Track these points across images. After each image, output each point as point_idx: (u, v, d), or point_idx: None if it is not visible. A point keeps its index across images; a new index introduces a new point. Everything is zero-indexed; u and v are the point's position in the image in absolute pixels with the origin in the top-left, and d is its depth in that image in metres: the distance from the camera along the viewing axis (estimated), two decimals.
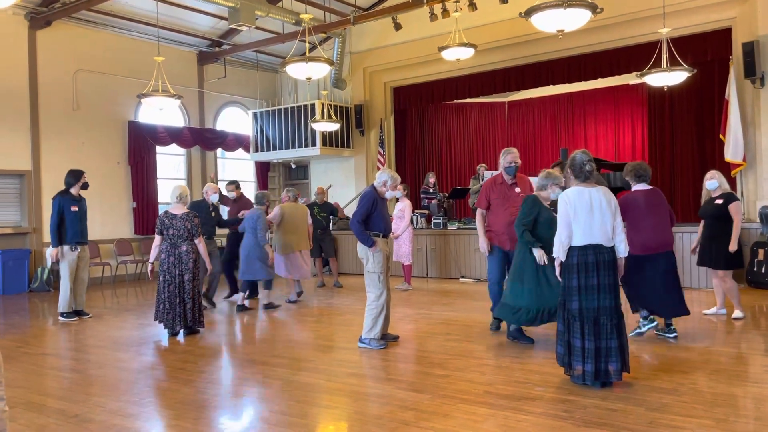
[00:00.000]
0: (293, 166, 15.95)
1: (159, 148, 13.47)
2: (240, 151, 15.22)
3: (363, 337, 6.03)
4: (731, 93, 9.97)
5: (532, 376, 4.85)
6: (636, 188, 6.01)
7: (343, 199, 13.81)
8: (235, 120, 15.45)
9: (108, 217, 12.52)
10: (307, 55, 8.81)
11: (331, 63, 9.11)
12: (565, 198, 4.51)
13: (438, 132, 16.47)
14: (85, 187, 8.17)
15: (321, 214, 10.85)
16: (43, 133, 11.71)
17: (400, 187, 9.38)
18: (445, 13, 11.02)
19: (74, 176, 8.11)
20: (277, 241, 8.99)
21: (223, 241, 9.91)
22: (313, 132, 13.94)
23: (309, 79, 9.06)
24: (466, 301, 8.87)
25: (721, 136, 10.16)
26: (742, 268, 7.65)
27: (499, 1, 10.70)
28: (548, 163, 11.59)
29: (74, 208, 7.99)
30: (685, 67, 9.23)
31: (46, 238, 11.37)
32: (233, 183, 9.85)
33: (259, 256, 8.40)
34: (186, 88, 13.54)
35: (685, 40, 10.40)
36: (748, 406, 4.17)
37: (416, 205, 13.16)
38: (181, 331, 6.87)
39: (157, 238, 6.94)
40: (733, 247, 6.57)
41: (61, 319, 8.02)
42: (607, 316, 4.46)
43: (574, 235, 4.47)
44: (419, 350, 5.96)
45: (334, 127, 13.37)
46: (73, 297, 8.08)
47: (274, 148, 14.78)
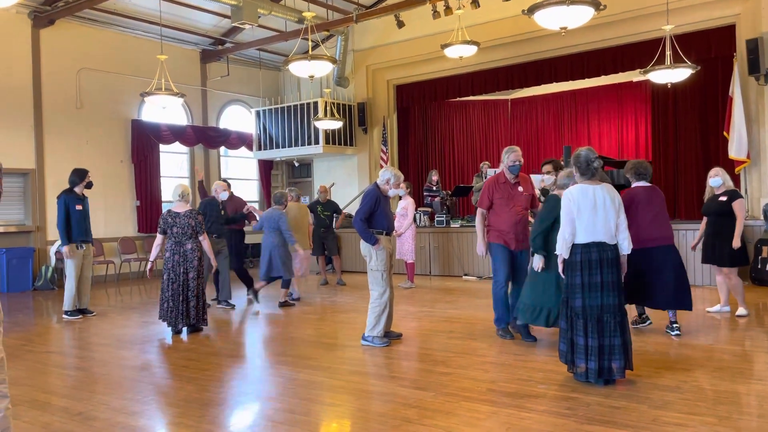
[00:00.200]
0: (296, 165, 15.96)
1: (162, 147, 13.49)
2: (243, 150, 15.23)
3: (366, 335, 6.03)
4: (735, 90, 9.94)
5: (535, 373, 4.85)
6: (636, 185, 6.04)
7: (346, 198, 13.81)
8: (238, 118, 15.46)
9: (111, 216, 12.55)
10: (310, 53, 8.80)
11: (333, 61, 9.10)
12: (569, 195, 4.51)
13: (441, 130, 16.46)
14: (89, 186, 8.20)
15: (324, 212, 10.86)
16: (47, 131, 11.74)
17: (403, 185, 9.38)
18: (448, 10, 11.01)
19: (79, 175, 8.13)
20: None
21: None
22: (316, 130, 13.94)
23: (312, 77, 9.06)
24: (469, 298, 8.87)
25: (725, 133, 10.14)
26: (747, 266, 7.64)
27: None
28: None
29: (78, 207, 8.02)
30: (689, 64, 9.20)
31: (50, 237, 11.41)
32: (224, 182, 9.80)
33: (282, 255, 8.43)
34: (189, 86, 13.56)
35: (689, 37, 10.36)
36: (752, 404, 4.17)
37: (419, 202, 13.16)
38: (185, 329, 6.89)
39: (159, 237, 6.95)
40: (736, 244, 6.57)
41: (65, 317, 8.04)
42: (611, 314, 4.46)
43: (578, 233, 4.47)
44: (422, 348, 5.96)
45: (336, 125, 13.37)
46: (78, 295, 8.11)
47: (277, 147, 14.79)
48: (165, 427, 4.14)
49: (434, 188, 12.99)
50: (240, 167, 15.65)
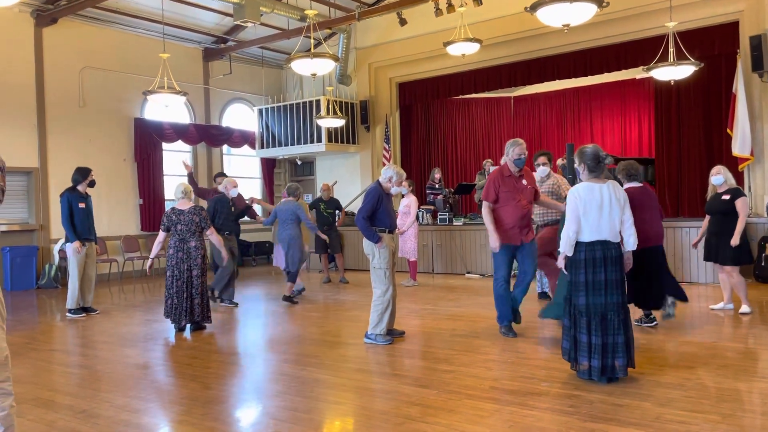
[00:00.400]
0: (299, 163, 15.96)
1: (165, 145, 13.51)
2: (246, 148, 15.25)
3: (369, 333, 6.04)
4: (738, 87, 9.91)
5: (538, 371, 4.85)
6: (627, 186, 6.07)
7: (349, 196, 13.81)
8: (241, 116, 15.47)
9: (115, 214, 12.58)
10: (312, 51, 8.82)
11: (336, 59, 9.10)
12: (575, 193, 4.49)
13: (443, 127, 16.44)
14: (92, 184, 8.21)
15: (327, 210, 10.86)
16: (50, 130, 11.76)
17: (405, 183, 9.40)
18: (450, 8, 10.99)
19: (81, 174, 8.14)
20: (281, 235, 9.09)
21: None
22: (319, 128, 13.94)
23: (314, 75, 9.07)
24: (472, 296, 8.87)
25: (729, 131, 10.11)
26: (750, 264, 7.63)
27: None
28: (554, 159, 11.53)
29: (81, 205, 8.03)
30: (692, 61, 9.18)
31: (54, 235, 11.45)
32: (223, 175, 9.71)
33: (300, 247, 8.55)
34: (191, 84, 13.57)
35: (692, 34, 10.33)
36: (755, 401, 4.16)
37: (422, 200, 13.15)
38: (188, 326, 6.90)
39: (161, 234, 6.96)
40: (735, 242, 6.57)
41: (68, 315, 8.06)
42: (614, 312, 4.46)
43: (583, 231, 4.46)
44: (425, 346, 5.96)
45: (339, 123, 13.37)
46: (81, 293, 8.13)
47: (280, 145, 14.80)
48: (168, 424, 4.14)
49: (437, 186, 12.99)
50: (243, 165, 15.66)
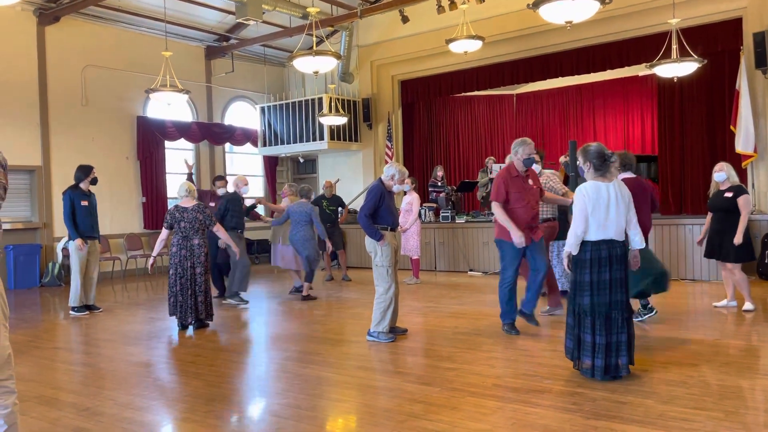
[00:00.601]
0: (301, 161, 15.96)
1: (167, 143, 13.52)
2: (248, 146, 15.24)
3: (372, 331, 6.04)
4: (742, 84, 9.87)
5: (541, 369, 4.85)
6: (621, 176, 6.05)
7: (351, 193, 13.81)
8: (243, 114, 15.47)
9: (117, 212, 12.59)
10: (315, 48, 8.81)
11: (338, 56, 9.09)
12: (583, 192, 4.47)
13: (446, 125, 16.42)
14: (94, 182, 8.22)
15: (330, 207, 10.86)
16: (53, 128, 11.78)
17: (408, 180, 9.41)
18: (453, 5, 10.97)
19: (83, 171, 8.16)
20: (283, 234, 9.11)
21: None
22: (321, 126, 13.93)
23: (316, 72, 9.06)
24: (475, 294, 8.86)
25: (732, 128, 10.07)
26: (753, 261, 7.61)
27: None
28: (557, 156, 11.52)
29: (84, 203, 8.05)
30: (696, 57, 9.15)
31: (57, 233, 11.46)
32: (222, 179, 9.73)
33: (315, 247, 8.66)
34: (194, 82, 13.57)
35: (695, 31, 10.29)
36: (758, 399, 4.15)
37: (424, 198, 13.14)
38: (191, 324, 6.91)
39: (164, 232, 6.97)
40: (738, 239, 6.55)
41: (72, 313, 8.08)
42: (619, 311, 4.46)
43: (589, 230, 4.45)
44: (428, 343, 5.96)
45: (341, 121, 13.36)
46: (84, 291, 8.14)
47: (282, 143, 14.79)
48: (172, 422, 4.15)
49: (439, 184, 12.97)
50: (245, 163, 15.66)
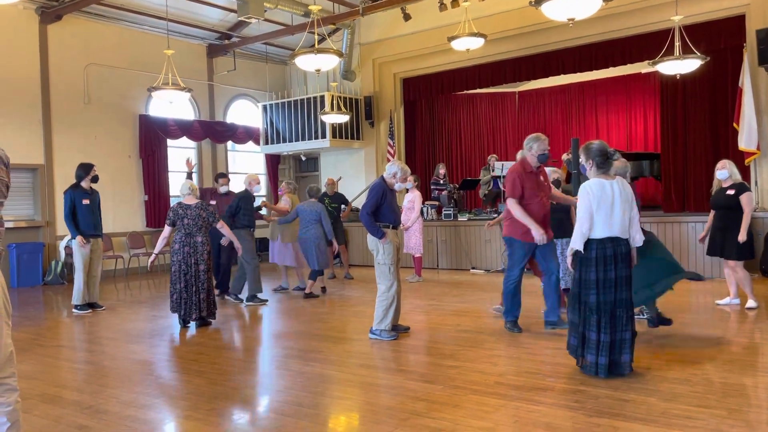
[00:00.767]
0: (303, 159, 15.97)
1: (170, 141, 13.53)
2: (250, 144, 15.24)
3: (374, 329, 6.04)
4: (745, 81, 9.85)
5: (544, 366, 4.85)
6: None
7: (353, 191, 13.81)
8: (245, 112, 15.47)
9: (120, 211, 12.60)
10: (316, 46, 8.79)
11: (340, 54, 9.08)
12: (587, 189, 4.46)
13: (448, 123, 16.41)
14: (95, 180, 8.22)
15: (332, 204, 10.86)
16: (55, 127, 11.79)
17: (410, 178, 9.42)
18: (455, 2, 10.95)
19: (84, 169, 8.17)
20: (282, 231, 9.18)
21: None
22: (323, 124, 13.93)
23: (318, 70, 9.05)
24: (477, 292, 8.86)
25: (735, 125, 10.05)
26: (753, 259, 7.60)
27: None
28: (559, 154, 11.50)
29: (86, 201, 8.05)
30: (698, 55, 9.13)
31: (60, 232, 11.48)
32: (224, 176, 9.69)
33: (324, 247, 8.81)
34: (196, 81, 13.57)
35: (698, 28, 10.26)
36: (762, 396, 4.15)
37: (426, 196, 13.14)
38: (193, 322, 6.92)
39: (166, 229, 6.97)
40: (742, 237, 6.54)
41: (75, 311, 8.10)
42: (623, 309, 4.47)
43: (594, 228, 4.44)
44: (430, 341, 5.96)
45: (343, 119, 13.35)
46: (87, 289, 8.16)
47: (284, 141, 14.79)
48: (174, 420, 4.16)
49: (441, 181, 12.97)
50: (247, 162, 15.66)
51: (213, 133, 14.30)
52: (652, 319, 5.83)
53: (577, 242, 4.48)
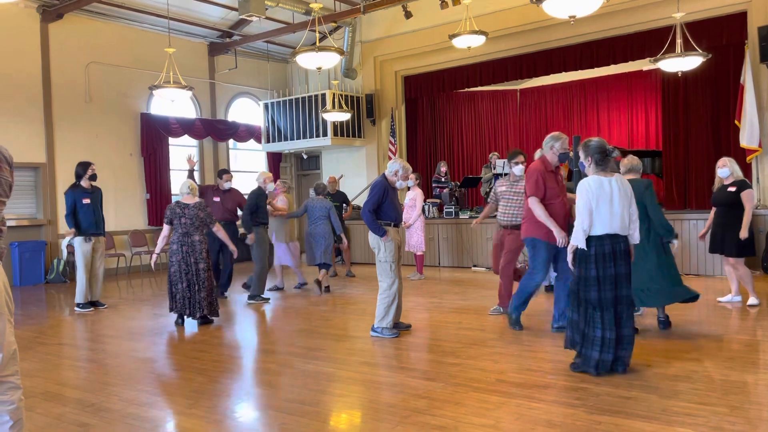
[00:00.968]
0: (305, 157, 15.97)
1: (171, 140, 13.53)
2: (252, 142, 15.25)
3: (375, 326, 6.05)
4: (747, 78, 9.84)
5: (544, 364, 4.85)
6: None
7: (355, 189, 13.81)
8: (247, 111, 15.47)
9: (122, 209, 12.62)
10: (318, 44, 8.78)
11: (341, 52, 9.08)
12: (586, 186, 4.46)
13: (449, 121, 16.39)
14: (93, 178, 8.21)
15: (333, 203, 10.84)
16: (57, 125, 11.80)
17: (412, 176, 9.43)
18: (456, 0, 10.94)
19: (82, 168, 8.17)
20: (282, 229, 9.27)
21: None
22: (324, 122, 13.93)
23: (319, 68, 9.04)
24: (479, 289, 8.86)
25: (737, 122, 10.04)
26: (754, 256, 7.60)
27: None
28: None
29: (86, 201, 8.05)
30: (700, 52, 9.11)
31: (62, 230, 11.49)
32: (228, 173, 9.55)
33: (331, 243, 9.03)
34: (197, 79, 13.58)
35: (700, 25, 10.24)
36: (763, 393, 4.14)
37: (428, 194, 13.13)
38: (193, 320, 6.93)
39: (165, 228, 6.97)
40: (743, 234, 6.54)
41: (77, 309, 8.12)
42: (624, 305, 4.48)
43: (594, 225, 4.44)
44: (431, 339, 5.97)
45: (345, 116, 13.35)
46: (89, 288, 8.17)
47: (286, 139, 14.80)
48: (176, 418, 4.17)
49: (443, 179, 12.96)
50: (249, 160, 15.67)
51: (214, 131, 14.31)
52: (664, 320, 5.86)
53: (578, 239, 4.48)
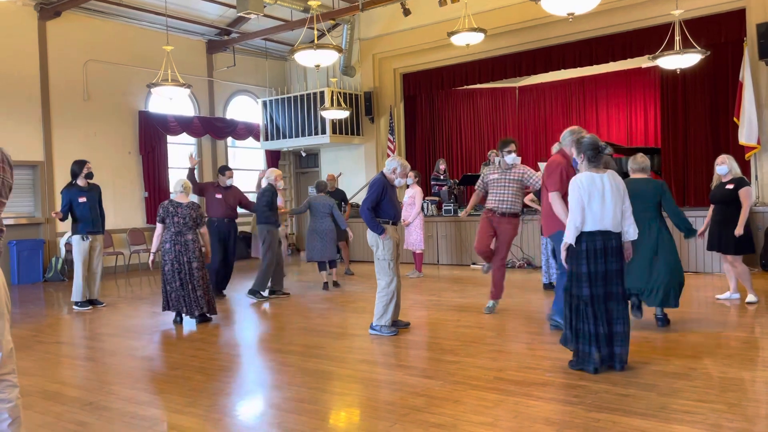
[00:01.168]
0: (303, 155, 15.96)
1: (170, 138, 13.52)
2: (250, 140, 15.24)
3: (374, 324, 6.05)
4: (745, 75, 9.84)
5: (543, 362, 4.85)
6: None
7: (354, 187, 13.81)
8: (245, 109, 15.46)
9: (120, 207, 12.61)
10: (316, 42, 8.77)
11: (339, 50, 9.07)
12: (578, 183, 4.47)
13: (448, 118, 16.38)
14: (89, 176, 8.19)
15: None
16: (55, 123, 11.79)
17: (411, 174, 9.43)
18: None
19: (78, 166, 8.15)
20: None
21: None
22: (323, 120, 13.92)
23: (318, 66, 9.04)
24: (477, 287, 8.86)
25: (735, 119, 10.04)
26: (752, 253, 7.62)
27: None
28: None
29: (82, 199, 8.03)
30: (699, 49, 9.11)
31: (60, 229, 11.49)
32: (229, 169, 9.46)
33: (336, 239, 9.17)
34: (195, 77, 13.56)
35: (699, 22, 10.24)
36: (761, 391, 4.15)
37: (427, 191, 13.13)
38: (194, 318, 6.93)
39: (158, 227, 6.94)
40: (738, 231, 6.53)
41: (75, 308, 8.11)
42: (615, 302, 4.48)
43: (585, 221, 4.45)
44: (430, 337, 5.97)
45: (343, 114, 13.34)
46: (87, 286, 8.16)
47: (284, 137, 14.79)
48: (174, 416, 4.16)
49: (442, 177, 12.96)
50: (247, 157, 15.66)
51: (213, 129, 14.29)
52: (662, 317, 5.86)
53: (571, 236, 4.49)
